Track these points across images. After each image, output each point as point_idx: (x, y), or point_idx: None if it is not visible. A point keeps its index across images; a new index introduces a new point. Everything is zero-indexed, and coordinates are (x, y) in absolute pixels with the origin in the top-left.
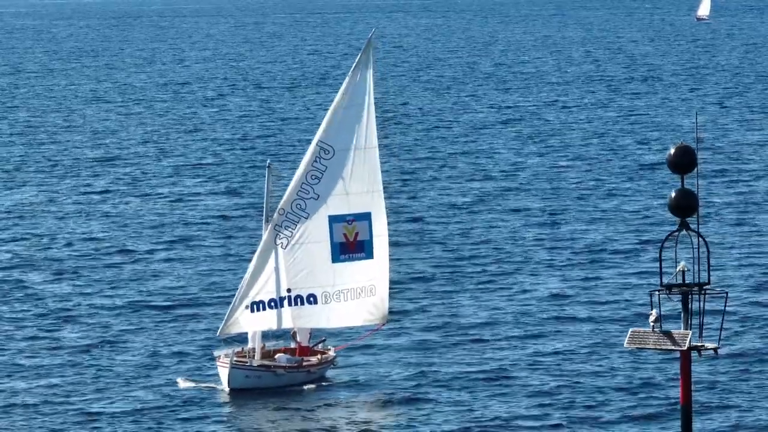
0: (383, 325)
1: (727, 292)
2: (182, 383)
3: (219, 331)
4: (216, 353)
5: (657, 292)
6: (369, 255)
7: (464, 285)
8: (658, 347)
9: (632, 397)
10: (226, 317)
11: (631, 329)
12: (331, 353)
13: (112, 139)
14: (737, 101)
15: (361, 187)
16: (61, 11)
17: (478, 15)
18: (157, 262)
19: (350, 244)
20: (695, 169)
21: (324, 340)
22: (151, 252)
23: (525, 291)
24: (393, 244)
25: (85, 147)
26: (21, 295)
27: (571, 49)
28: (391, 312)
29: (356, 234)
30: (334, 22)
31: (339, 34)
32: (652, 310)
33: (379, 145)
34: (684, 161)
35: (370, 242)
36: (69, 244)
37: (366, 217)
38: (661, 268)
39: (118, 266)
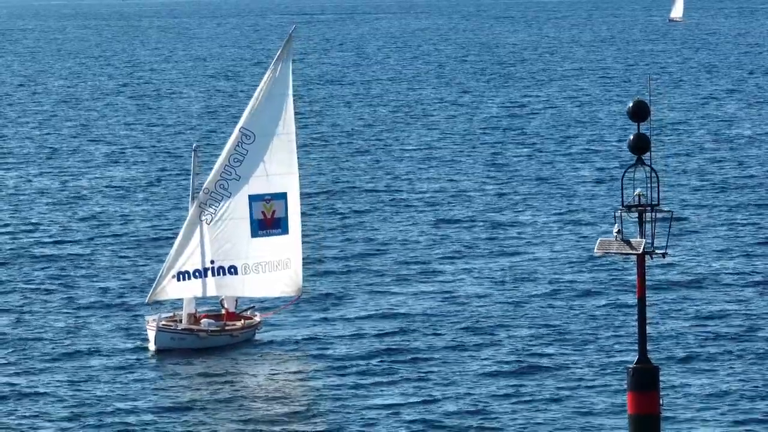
0: (298, 296)
1: (672, 211)
2: (114, 344)
3: (147, 298)
4: (146, 317)
5: (619, 211)
6: (285, 230)
7: (386, 261)
8: (620, 251)
9: (598, 300)
10: (154, 285)
11: (599, 238)
12: (257, 319)
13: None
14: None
15: (279, 169)
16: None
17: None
18: (93, 237)
19: (267, 221)
20: (648, 118)
21: (252, 308)
22: (88, 228)
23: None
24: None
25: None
26: None
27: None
28: (309, 284)
29: (273, 211)
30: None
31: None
32: (615, 224)
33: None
34: (640, 111)
35: (285, 219)
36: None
37: (282, 196)
38: (622, 193)
39: (57, 243)
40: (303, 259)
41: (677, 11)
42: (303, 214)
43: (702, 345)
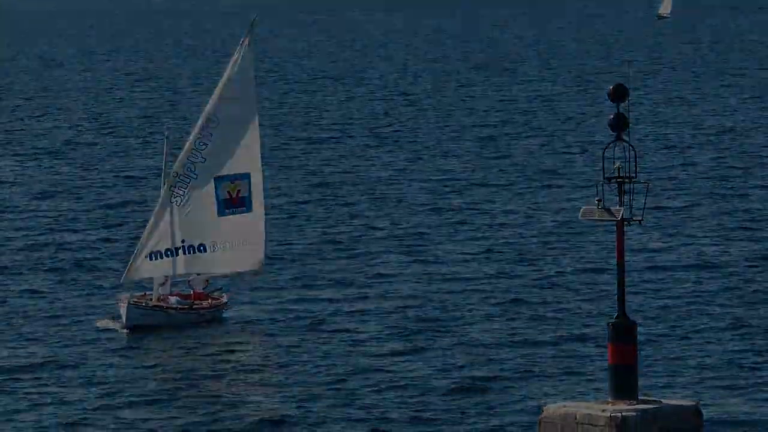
0: (260, 270)
1: (648, 182)
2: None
3: (123, 277)
4: (118, 296)
5: (601, 182)
6: (249, 208)
7: (343, 242)
8: (601, 218)
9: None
10: (128, 265)
11: (583, 207)
12: (224, 299)
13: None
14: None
15: (242, 151)
16: None
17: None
18: (71, 221)
19: (233, 200)
20: (627, 99)
21: (220, 289)
22: (61, 211)
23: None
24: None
25: None
26: None
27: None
28: (273, 259)
29: (238, 191)
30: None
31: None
32: (597, 194)
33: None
34: (619, 93)
35: (249, 198)
36: None
37: (246, 177)
38: (603, 166)
39: (33, 225)
40: (277, 239)
41: (665, 7)
42: (295, 200)
43: (677, 304)
